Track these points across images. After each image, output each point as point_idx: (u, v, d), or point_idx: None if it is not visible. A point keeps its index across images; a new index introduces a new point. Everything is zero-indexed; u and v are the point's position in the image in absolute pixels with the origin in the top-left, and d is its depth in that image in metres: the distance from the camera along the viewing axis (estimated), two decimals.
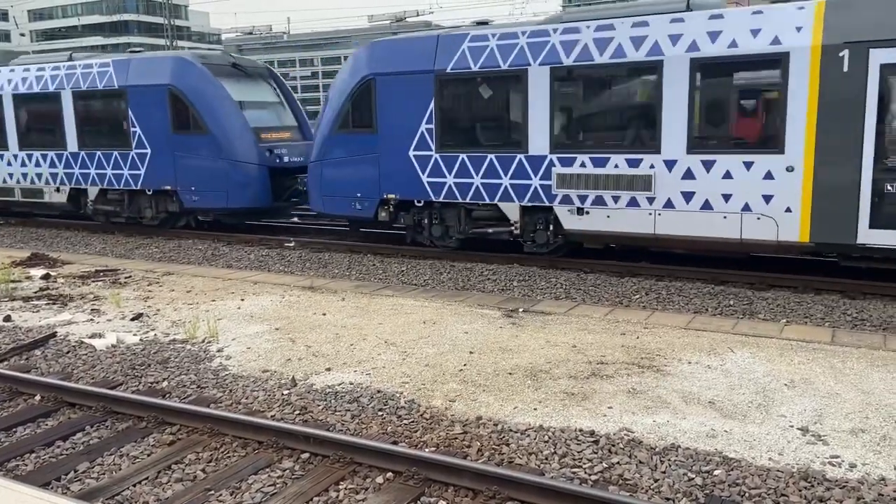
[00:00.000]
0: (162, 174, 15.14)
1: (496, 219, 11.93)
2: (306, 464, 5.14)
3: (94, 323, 8.86)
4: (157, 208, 15.70)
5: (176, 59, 15.00)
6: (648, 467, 4.91)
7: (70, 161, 16.23)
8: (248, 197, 14.56)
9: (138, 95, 15.21)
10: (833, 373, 6.57)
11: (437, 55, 11.88)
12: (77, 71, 15.89)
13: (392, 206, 12.70)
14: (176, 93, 14.73)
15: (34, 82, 16.47)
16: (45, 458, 5.40)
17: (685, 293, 9.77)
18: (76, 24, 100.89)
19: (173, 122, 14.85)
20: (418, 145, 12.20)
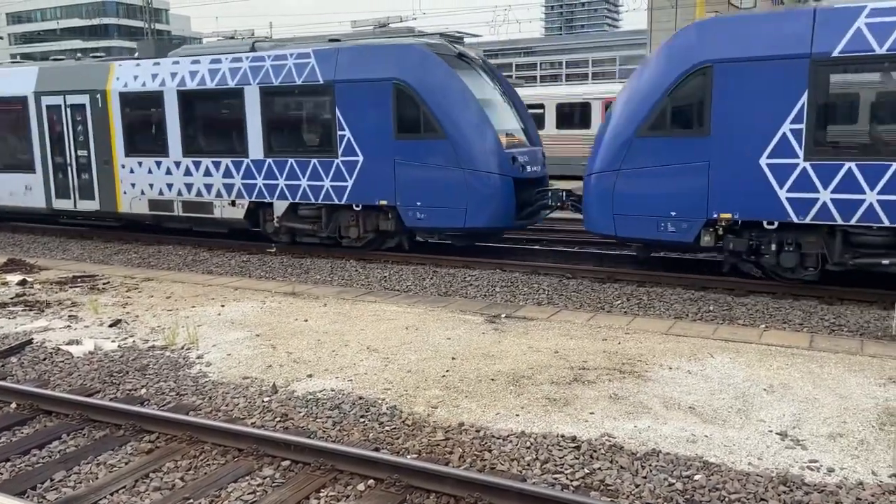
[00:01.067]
0: (377, 186, 12.56)
1: (890, 245, 9.38)
2: (287, 471, 5.10)
3: (71, 329, 8.74)
4: (365, 227, 13.14)
5: (405, 49, 12.37)
6: (630, 473, 4.93)
7: (252, 170, 13.67)
8: (491, 215, 11.98)
9: (350, 92, 12.60)
10: (811, 378, 6.64)
11: (814, 34, 9.29)
12: (266, 63, 13.28)
13: (722, 227, 10.13)
14: (404, 88, 12.14)
15: (207, 76, 13.90)
16: (20, 466, 5.31)
17: (666, 298, 9.84)
18: (55, 27, 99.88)
19: (397, 124, 12.28)
20: (776, 151, 9.61)
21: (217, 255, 13.72)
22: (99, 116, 15.22)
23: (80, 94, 15.35)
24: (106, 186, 15.36)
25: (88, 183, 15.61)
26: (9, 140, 16.49)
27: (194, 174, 14.40)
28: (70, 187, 15.86)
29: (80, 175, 15.65)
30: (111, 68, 15.15)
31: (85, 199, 15.76)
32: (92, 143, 15.33)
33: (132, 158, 15.00)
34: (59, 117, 15.71)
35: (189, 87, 14.23)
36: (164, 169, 14.69)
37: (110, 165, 15.17)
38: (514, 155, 12.20)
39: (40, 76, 15.92)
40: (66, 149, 15.72)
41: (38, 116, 15.87)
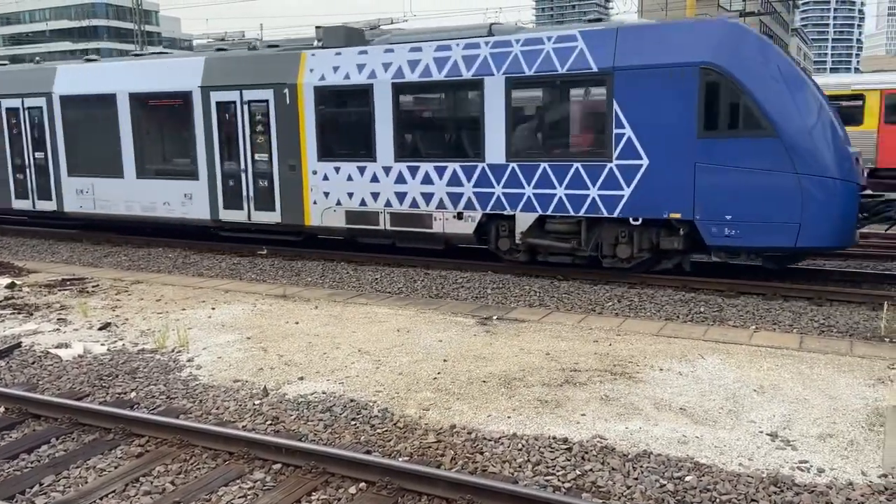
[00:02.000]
0: (667, 196, 10.42)
1: None
2: (278, 475, 5.08)
3: (60, 333, 8.68)
4: (640, 244, 10.97)
5: (717, 25, 10.23)
6: (621, 474, 4.94)
7: (488, 177, 11.55)
8: (833, 230, 9.77)
9: (635, 81, 10.48)
10: (801, 378, 6.68)
11: None
12: (513, 49, 11.22)
13: None
14: (716, 74, 9.98)
15: (433, 66, 11.81)
16: (9, 471, 5.26)
17: (657, 300, 9.86)
18: (44, 29, 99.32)
19: (703, 119, 10.10)
20: None
21: (207, 258, 13.66)
22: (285, 114, 13.06)
23: (261, 89, 13.21)
24: (290, 196, 13.17)
25: (267, 192, 13.42)
26: (166, 142, 14.55)
27: (409, 181, 12.18)
28: (243, 197, 13.65)
29: (257, 183, 13.50)
30: (302, 59, 12.95)
31: (262, 211, 13.55)
32: (274, 146, 13.20)
33: (327, 163, 12.80)
34: (231, 116, 13.61)
35: (408, 78, 11.99)
36: (368, 175, 12.50)
37: (297, 171, 13.04)
38: (857, 155, 10.15)
39: (208, 68, 13.77)
40: (241, 152, 13.58)
41: (205, 115, 13.81)
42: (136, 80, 14.53)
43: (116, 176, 14.88)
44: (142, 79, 14.47)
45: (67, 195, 15.60)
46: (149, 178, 14.61)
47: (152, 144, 14.58)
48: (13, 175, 16.27)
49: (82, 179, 15.37)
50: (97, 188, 15.21)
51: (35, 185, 16.03)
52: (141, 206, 14.73)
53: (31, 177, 16.03)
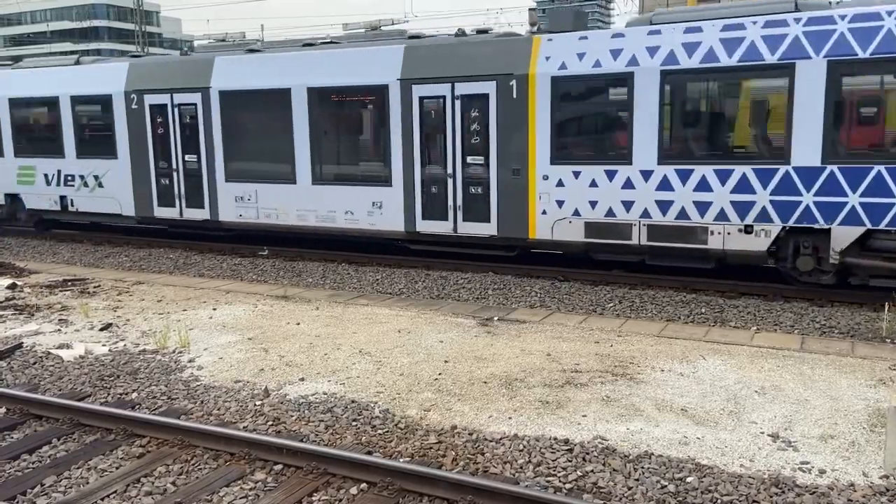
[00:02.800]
0: None
1: None
2: (279, 475, 5.08)
3: (61, 333, 8.69)
4: None
5: None
6: (622, 475, 4.94)
7: (793, 182, 9.57)
8: None
9: None
10: (802, 379, 6.67)
11: None
12: (837, 27, 9.31)
13: None
14: None
15: (720, 49, 9.90)
16: (10, 471, 5.27)
17: (658, 301, 9.86)
18: (45, 30, 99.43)
19: None
20: None
21: (208, 258, 13.67)
22: (509, 110, 11.21)
23: (479, 82, 11.41)
24: (511, 204, 11.38)
25: (480, 200, 11.62)
26: (350, 143, 12.79)
27: (677, 188, 10.31)
28: (448, 206, 11.88)
29: (467, 189, 11.71)
30: (535, 45, 11.08)
31: (473, 221, 11.71)
32: (493, 147, 11.40)
33: (563, 167, 10.94)
34: (438, 113, 11.77)
35: (684, 65, 10.15)
36: (620, 181, 10.62)
37: (522, 177, 11.22)
38: None
39: (409, 58, 12.05)
40: (448, 155, 11.75)
41: (404, 112, 12.00)
42: (316, 72, 12.68)
43: (286, 181, 13.04)
44: (324, 71, 12.64)
45: (224, 203, 13.78)
46: (328, 185, 12.75)
47: (333, 146, 12.80)
48: (157, 180, 14.41)
49: (243, 185, 13.52)
50: (262, 195, 13.36)
51: (184, 191, 14.17)
52: (317, 215, 12.91)
53: (178, 182, 14.18)
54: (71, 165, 15.22)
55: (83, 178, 15.12)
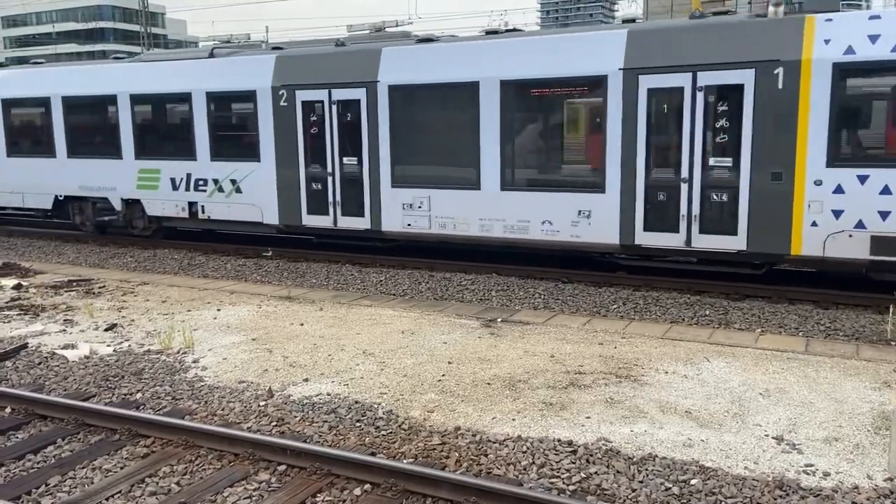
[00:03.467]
0: None
1: None
2: (283, 476, 5.09)
3: (66, 334, 8.71)
4: None
5: None
6: (626, 477, 4.93)
7: None
8: None
9: None
10: (807, 382, 6.66)
11: None
12: None
13: None
14: None
15: None
16: (15, 471, 5.28)
17: (662, 303, 9.85)
18: (51, 31, 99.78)
19: None
20: None
21: (213, 259, 13.69)
22: (771, 103, 9.61)
23: (734, 69, 9.80)
24: (767, 214, 9.76)
25: (725, 208, 10.00)
26: (550, 144, 11.19)
27: None
28: (680, 215, 10.23)
29: (707, 196, 10.08)
30: (808, 26, 9.53)
31: (715, 234, 10.11)
32: (746, 147, 9.76)
33: (845, 170, 9.34)
34: (672, 108, 10.15)
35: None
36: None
37: (785, 182, 9.63)
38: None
39: (633, 43, 10.38)
40: (682, 156, 10.13)
41: (626, 107, 10.41)
42: (511, 63, 11.18)
43: (468, 187, 11.53)
44: (522, 61, 11.13)
45: (388, 210, 12.29)
46: (520, 191, 11.27)
47: (529, 147, 11.24)
48: (307, 185, 12.90)
49: (413, 191, 12.02)
50: (436, 202, 11.88)
51: (340, 197, 12.68)
52: (505, 225, 11.40)
53: (334, 187, 12.70)
54: (203, 168, 13.82)
55: (217, 183, 13.64)
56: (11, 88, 15.94)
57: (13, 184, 16.19)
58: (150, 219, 14.84)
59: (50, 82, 15.43)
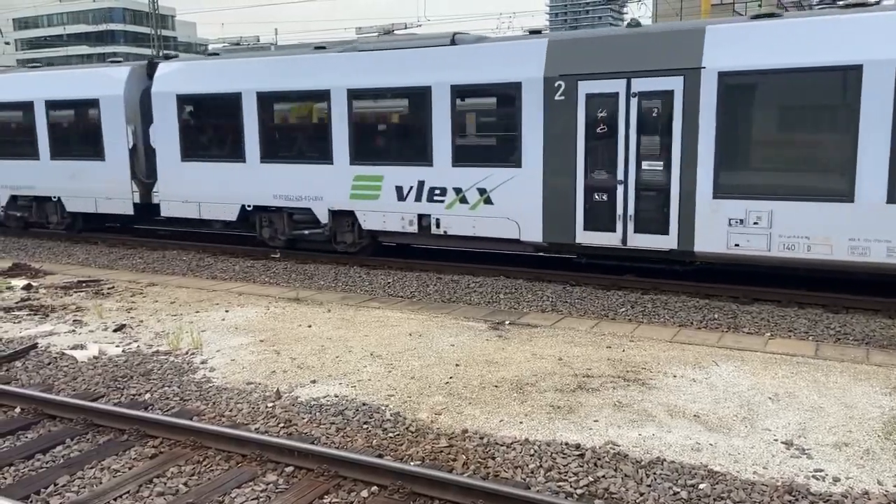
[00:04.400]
0: None
1: None
2: (290, 477, 5.09)
3: (75, 334, 8.76)
4: None
5: None
6: (634, 481, 4.91)
7: None
8: None
9: None
10: (817, 386, 6.62)
11: None
12: None
13: None
14: None
15: None
16: (24, 471, 5.31)
17: (670, 306, 9.81)
18: (62, 33, 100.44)
19: None
20: None
21: (221, 261, 13.73)
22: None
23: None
24: None
25: None
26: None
27: None
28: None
29: None
30: None
31: None
32: None
33: None
34: None
35: None
36: None
37: None
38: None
39: None
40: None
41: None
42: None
43: (833, 198, 9.27)
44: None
45: (706, 227, 10.03)
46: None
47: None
48: (586, 196, 10.80)
49: (747, 203, 9.74)
50: (781, 217, 9.58)
51: (633, 209, 10.51)
52: (890, 247, 9.06)
53: (624, 197, 10.52)
54: (441, 175, 11.81)
55: (460, 192, 11.65)
56: (189, 83, 13.99)
57: (188, 192, 14.13)
58: (362, 233, 12.89)
59: (238, 76, 13.46)
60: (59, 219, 16.39)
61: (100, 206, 15.43)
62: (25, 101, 15.93)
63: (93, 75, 15.42)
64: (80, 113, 15.34)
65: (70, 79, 15.74)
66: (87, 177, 15.40)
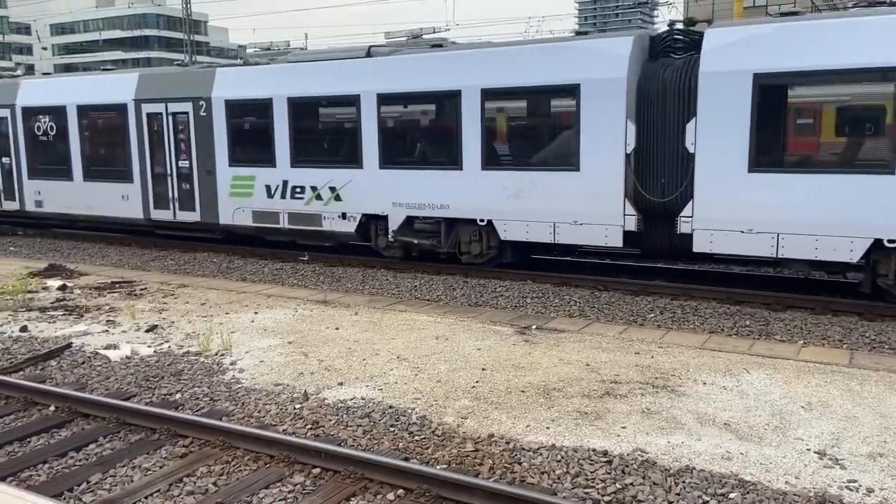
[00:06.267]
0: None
1: None
2: (318, 479, 5.12)
3: (109, 334, 8.91)
4: None
5: None
6: (662, 489, 4.86)
7: None
8: None
9: None
10: (851, 396, 6.48)
11: None
12: None
13: None
14: None
15: None
16: (58, 468, 5.41)
17: (700, 312, 9.69)
18: (97, 38, 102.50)
19: None
20: None
21: (251, 263, 13.88)
22: None
23: None
24: None
25: None
26: None
27: None
28: None
29: None
30: None
31: None
32: None
33: None
34: None
35: None
36: None
37: None
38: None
39: None
40: None
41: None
42: None
43: None
44: None
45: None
46: None
47: None
48: None
49: None
50: None
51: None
52: None
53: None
54: None
55: None
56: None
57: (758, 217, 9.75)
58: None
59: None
60: (482, 249, 12.18)
61: (562, 233, 11.23)
62: (445, 90, 11.86)
63: (565, 52, 11.00)
64: (542, 105, 11.26)
65: (529, 57, 11.30)
66: (544, 192, 11.26)
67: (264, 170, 13.84)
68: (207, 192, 14.62)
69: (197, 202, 14.80)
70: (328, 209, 13.27)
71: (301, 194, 13.54)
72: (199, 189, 14.71)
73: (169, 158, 15.00)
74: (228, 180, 14.31)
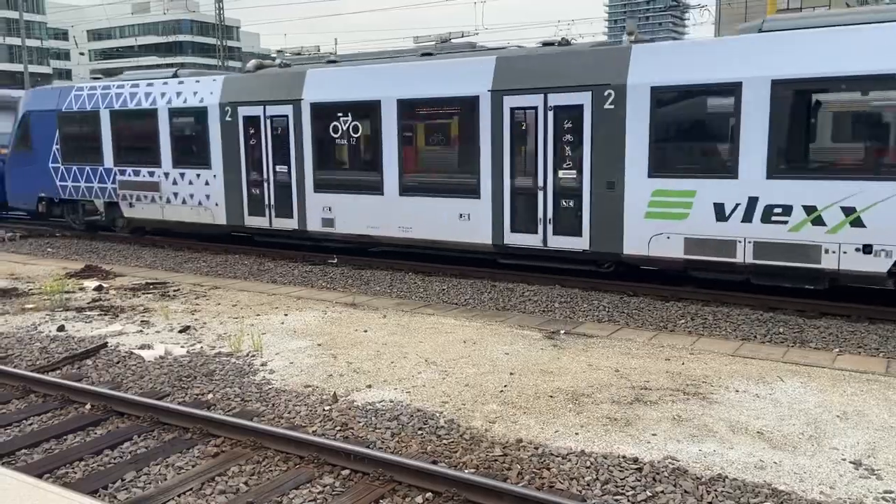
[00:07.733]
0: None
1: None
2: (347, 480, 5.16)
3: (143, 334, 9.07)
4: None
5: None
6: (694, 497, 4.80)
7: None
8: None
9: None
10: (888, 405, 6.34)
11: None
12: None
13: None
14: None
15: None
16: (93, 466, 5.52)
17: (732, 319, 9.56)
18: (133, 44, 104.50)
19: None
20: None
21: (281, 266, 14.02)
22: None
23: None
24: None
25: None
26: None
27: None
28: None
29: None
30: None
31: None
32: None
33: None
34: None
35: None
36: None
37: None
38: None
39: None
40: None
41: None
42: None
43: None
44: None
45: None
46: None
47: None
48: None
49: None
50: None
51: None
52: None
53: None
54: None
55: None
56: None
57: None
58: None
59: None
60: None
61: None
62: None
63: None
64: None
65: None
66: None
67: (713, 182, 10.10)
68: (605, 212, 10.93)
69: (586, 225, 11.13)
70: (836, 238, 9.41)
71: (784, 216, 9.70)
72: (590, 208, 11.03)
73: (543, 166, 11.34)
74: (646, 197, 10.62)
